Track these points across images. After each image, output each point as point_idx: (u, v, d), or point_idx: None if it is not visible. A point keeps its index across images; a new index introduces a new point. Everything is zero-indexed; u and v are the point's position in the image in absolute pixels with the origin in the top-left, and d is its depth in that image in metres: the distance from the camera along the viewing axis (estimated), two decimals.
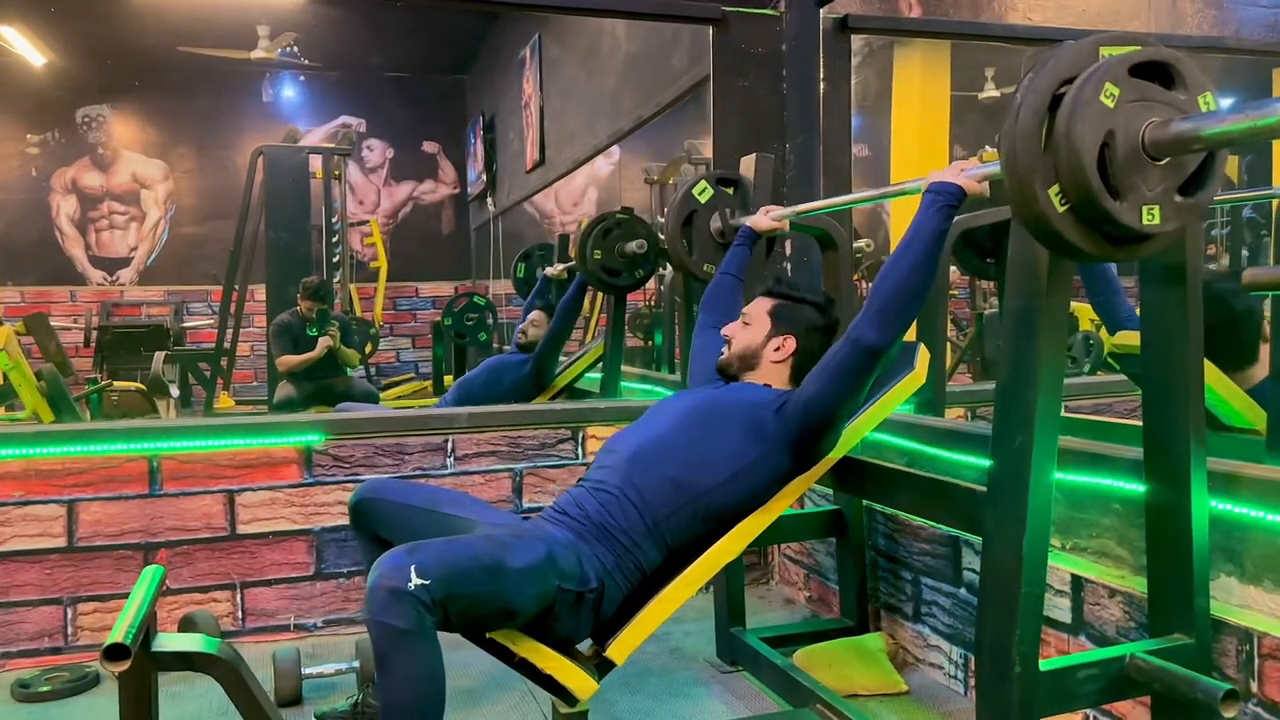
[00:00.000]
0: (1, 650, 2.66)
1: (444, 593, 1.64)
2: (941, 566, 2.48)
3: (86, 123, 9.45)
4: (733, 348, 2.21)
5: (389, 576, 1.63)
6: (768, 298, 2.23)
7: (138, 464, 2.77)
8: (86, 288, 9.49)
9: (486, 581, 1.72)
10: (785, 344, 2.17)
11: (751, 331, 2.21)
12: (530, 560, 1.78)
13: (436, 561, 1.66)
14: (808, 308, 2.21)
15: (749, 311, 2.23)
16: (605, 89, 5.32)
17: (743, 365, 2.20)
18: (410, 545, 1.70)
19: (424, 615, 1.63)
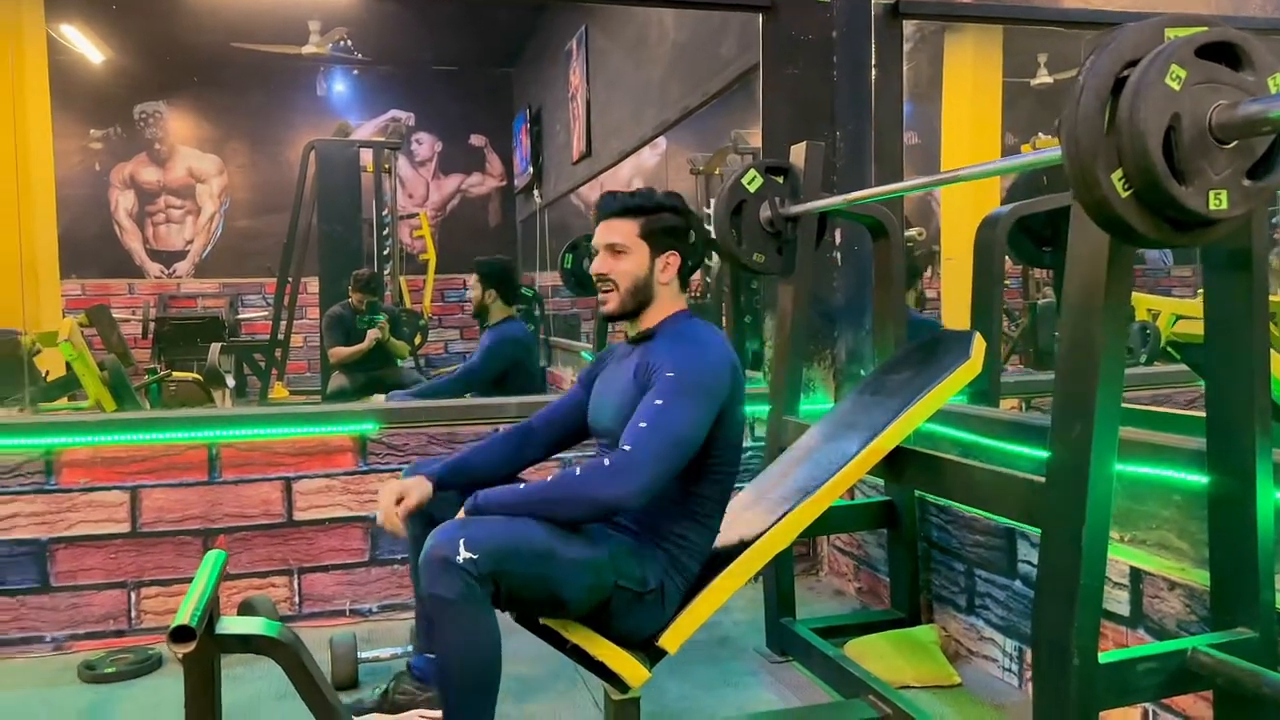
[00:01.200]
0: (69, 632, 2.74)
1: (492, 568, 1.66)
2: (996, 558, 2.45)
3: (144, 119, 9.65)
4: (622, 285, 1.99)
5: (439, 548, 1.66)
6: (626, 218, 1.99)
7: (198, 452, 2.84)
8: (144, 280, 9.70)
9: (536, 565, 1.72)
10: (671, 260, 2.01)
11: (633, 259, 1.98)
12: (587, 554, 1.79)
13: (487, 537, 1.68)
14: (667, 213, 2.01)
15: (616, 241, 1.98)
16: (652, 79, 5.31)
17: (637, 300, 2.00)
18: (465, 519, 1.73)
19: (473, 586, 1.65)
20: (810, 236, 2.58)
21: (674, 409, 1.80)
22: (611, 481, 1.73)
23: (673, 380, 1.82)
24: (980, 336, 2.14)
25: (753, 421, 3.28)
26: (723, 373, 1.90)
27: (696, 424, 1.83)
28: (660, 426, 1.78)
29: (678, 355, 1.87)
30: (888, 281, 2.62)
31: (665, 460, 1.77)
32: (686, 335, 1.96)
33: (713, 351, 1.92)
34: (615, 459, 1.74)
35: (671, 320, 2.01)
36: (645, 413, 1.80)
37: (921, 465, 2.12)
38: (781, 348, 2.65)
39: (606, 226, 2.01)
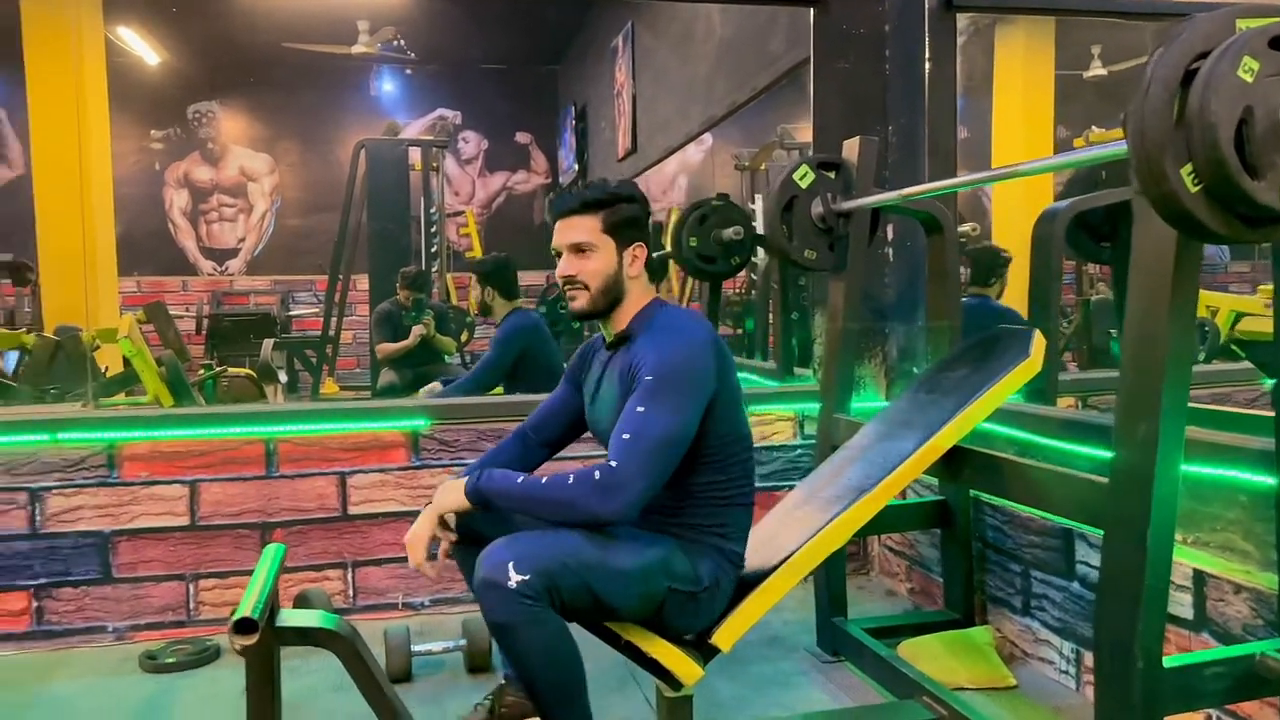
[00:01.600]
0: (130, 622, 2.81)
1: (544, 585, 1.66)
2: (1053, 559, 2.42)
3: (197, 119, 9.84)
4: (593, 286, 1.91)
5: (491, 573, 1.66)
6: (586, 214, 1.91)
7: (255, 446, 2.88)
8: (198, 278, 9.89)
9: (585, 578, 1.72)
10: (638, 252, 1.94)
11: (601, 257, 1.90)
12: (636, 562, 1.79)
13: (534, 555, 1.67)
14: (626, 204, 1.93)
15: (580, 239, 1.90)
16: (699, 75, 5.30)
17: (609, 299, 1.93)
18: (509, 537, 1.72)
19: (529, 607, 1.65)
20: (863, 232, 2.56)
21: (655, 413, 1.75)
22: (598, 498, 1.71)
23: (651, 383, 1.77)
24: (1040, 334, 2.11)
25: (803, 419, 3.27)
26: (704, 360, 1.84)
27: (682, 423, 1.78)
28: (643, 436, 1.73)
29: (656, 353, 1.82)
30: (942, 277, 2.59)
31: (652, 471, 1.74)
32: (663, 328, 1.90)
33: (691, 340, 1.86)
34: (602, 475, 1.71)
35: (645, 314, 1.94)
36: (627, 422, 1.76)
37: (978, 465, 2.10)
38: (832, 345, 2.63)
39: (566, 226, 1.92)
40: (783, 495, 3.21)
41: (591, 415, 2.05)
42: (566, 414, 2.12)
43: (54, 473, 2.75)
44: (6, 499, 2.73)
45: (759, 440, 3.23)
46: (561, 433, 2.13)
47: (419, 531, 1.90)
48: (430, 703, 2.38)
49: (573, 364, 2.14)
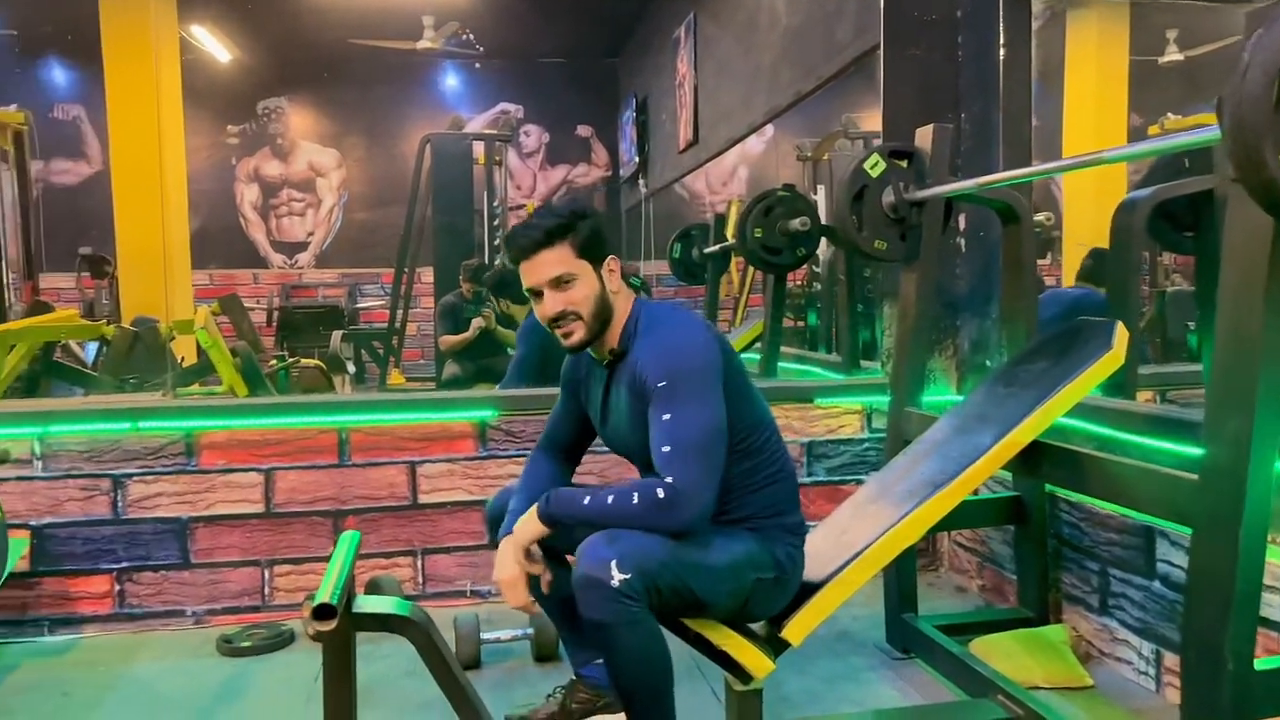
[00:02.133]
0: (208, 607, 2.88)
1: (644, 585, 1.66)
2: (1132, 557, 2.35)
3: (266, 114, 10.03)
4: (586, 313, 1.84)
5: (592, 569, 1.64)
6: (555, 245, 1.83)
7: (329, 436, 2.94)
8: (268, 271, 10.10)
9: (684, 578, 1.72)
10: (613, 265, 1.89)
11: (585, 284, 1.84)
12: (729, 558, 1.78)
13: (635, 554, 1.66)
14: (583, 221, 1.85)
15: (560, 273, 1.83)
16: (763, 65, 5.24)
17: (602, 321, 1.87)
18: (610, 534, 1.69)
19: (630, 607, 1.64)
20: (936, 222, 2.51)
21: (684, 415, 1.73)
22: (668, 516, 1.70)
23: (665, 387, 1.75)
24: (1123, 326, 2.05)
25: (870, 412, 3.23)
26: (706, 345, 1.81)
27: (713, 415, 1.76)
28: (682, 441, 1.72)
29: (657, 355, 1.79)
30: (1018, 268, 2.53)
31: (708, 471, 1.73)
32: (652, 327, 1.86)
33: (686, 330, 1.83)
34: (665, 492, 1.69)
35: (630, 323, 1.89)
36: (661, 434, 1.73)
37: (1057, 460, 2.05)
38: (904, 337, 2.59)
39: (537, 263, 1.84)
40: (850, 489, 3.20)
41: (607, 434, 2.01)
42: (575, 422, 2.08)
43: (135, 460, 2.83)
44: (91, 485, 2.82)
45: (825, 434, 3.20)
46: (575, 440, 2.11)
47: (511, 572, 1.83)
48: (499, 689, 2.40)
49: (565, 374, 2.08)
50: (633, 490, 1.73)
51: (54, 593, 2.81)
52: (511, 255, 1.87)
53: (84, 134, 9.81)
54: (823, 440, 3.20)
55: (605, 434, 2.02)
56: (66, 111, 9.79)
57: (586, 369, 2.02)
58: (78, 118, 9.80)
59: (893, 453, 2.61)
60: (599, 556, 1.65)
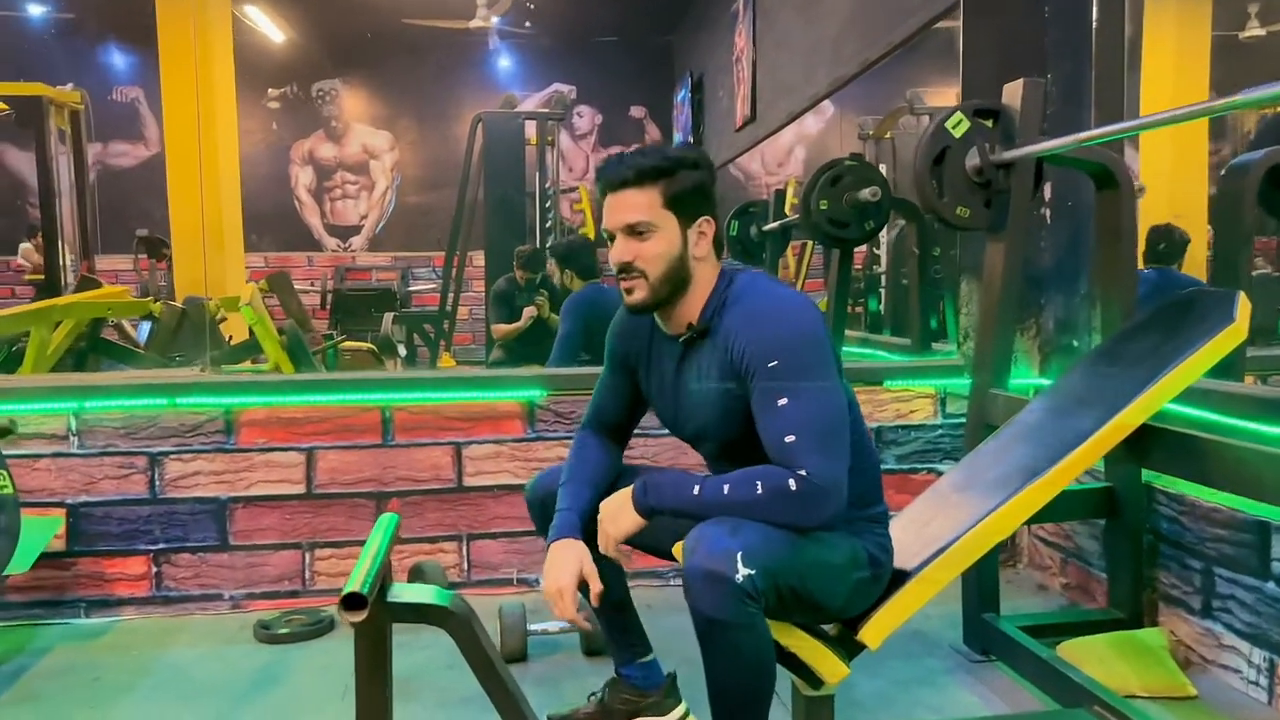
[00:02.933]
0: (246, 591, 2.77)
1: (767, 584, 1.48)
2: (1242, 555, 2.13)
3: (320, 96, 10.02)
4: (652, 273, 1.63)
5: (713, 561, 1.44)
6: (643, 186, 1.62)
7: (372, 414, 2.81)
8: (322, 254, 10.10)
9: (805, 578, 1.55)
10: (705, 228, 1.66)
11: (663, 238, 1.63)
12: (842, 556, 1.62)
13: (762, 548, 1.47)
14: (690, 170, 1.65)
15: (637, 220, 1.62)
16: (826, 35, 5.02)
17: (671, 287, 1.65)
18: (729, 523, 1.49)
19: (750, 607, 1.46)
20: (1026, 186, 2.29)
21: (806, 399, 1.53)
22: (806, 511, 1.51)
23: (779, 368, 1.54)
24: (1244, 296, 1.82)
25: (944, 396, 3.01)
26: (815, 319, 1.62)
27: (834, 397, 1.57)
28: (810, 428, 1.52)
29: (763, 331, 1.58)
30: (1115, 238, 2.30)
31: (839, 461, 1.54)
32: (748, 296, 1.64)
33: (793, 303, 1.63)
34: (799, 485, 1.50)
35: (716, 296, 1.67)
36: (780, 421, 1.53)
37: (1168, 445, 1.83)
38: (989, 313, 2.38)
39: (619, 202, 1.64)
40: (922, 479, 2.99)
41: (675, 417, 1.79)
42: (626, 399, 1.87)
43: (172, 437, 2.73)
44: (127, 463, 2.72)
45: (895, 419, 3.00)
46: (627, 419, 1.90)
47: (563, 583, 1.68)
48: (546, 684, 2.25)
49: (615, 347, 1.86)
50: (755, 479, 1.53)
51: (90, 574, 2.72)
52: (600, 187, 1.68)
53: (142, 116, 9.89)
54: (892, 426, 3.00)
55: (672, 417, 1.80)
56: (125, 94, 9.87)
57: (649, 341, 1.80)
58: (136, 100, 9.88)
59: (974, 439, 2.41)
60: (722, 547, 1.45)
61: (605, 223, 1.68)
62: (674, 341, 1.73)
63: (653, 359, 1.80)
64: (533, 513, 1.93)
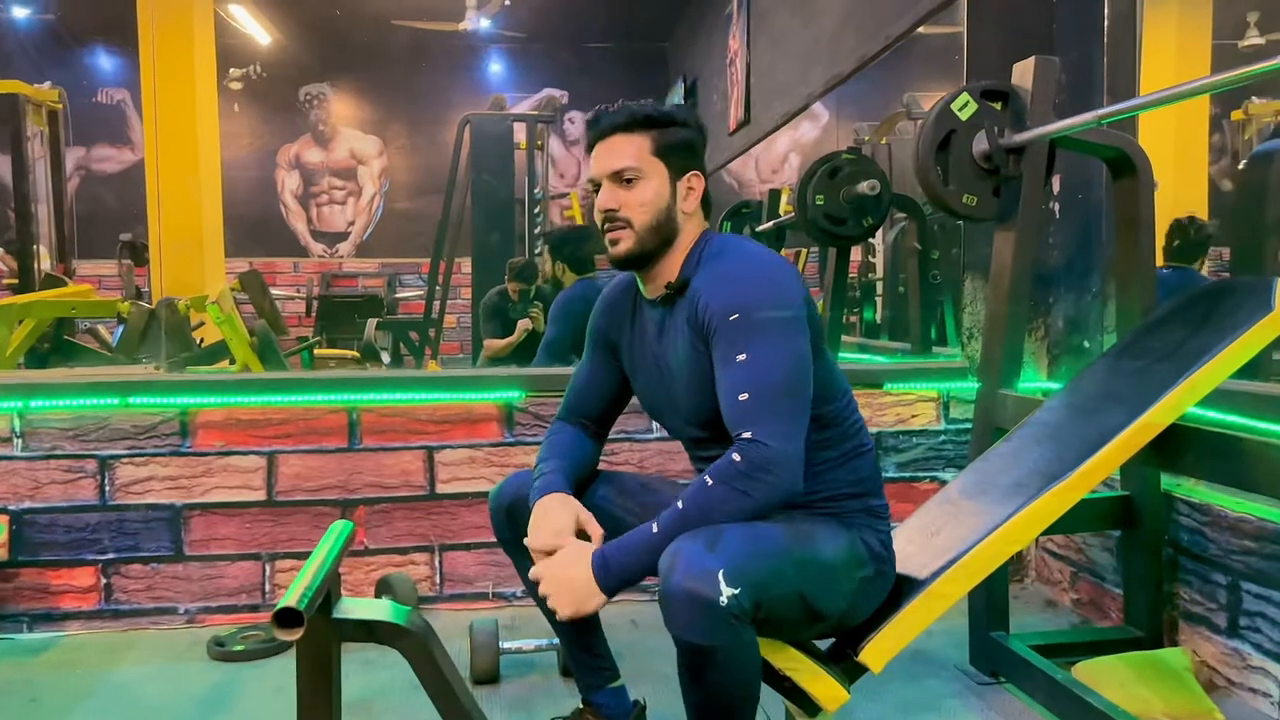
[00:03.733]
0: (202, 604, 2.59)
1: (754, 599, 1.32)
2: (1273, 569, 1.96)
3: (308, 100, 9.86)
4: (639, 222, 1.54)
5: (694, 583, 1.29)
6: (634, 132, 1.55)
7: (338, 416, 2.63)
8: (308, 259, 9.93)
9: (798, 584, 1.40)
10: (694, 182, 1.59)
11: (651, 186, 1.54)
12: (840, 553, 1.48)
13: (746, 561, 1.32)
14: (681, 126, 1.58)
15: (626, 165, 1.54)
16: (823, 32, 4.88)
17: (659, 239, 1.56)
18: (708, 537, 1.34)
19: (734, 626, 1.31)
20: (1039, 171, 2.14)
21: (763, 353, 1.41)
22: (762, 482, 1.36)
23: (740, 320, 1.43)
24: None
25: (948, 399, 2.85)
26: (787, 272, 1.51)
27: (798, 352, 1.44)
28: (765, 386, 1.40)
29: (727, 282, 1.48)
30: (1133, 229, 2.14)
31: (796, 422, 1.40)
32: (721, 253, 1.55)
33: (764, 256, 1.53)
34: (746, 456, 1.37)
35: (696, 252, 1.58)
36: (736, 378, 1.42)
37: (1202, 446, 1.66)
38: (998, 308, 2.21)
39: (608, 148, 1.56)
40: (925, 487, 2.83)
41: (655, 393, 1.65)
42: (606, 383, 1.74)
43: (124, 440, 2.55)
44: (75, 467, 2.54)
45: (896, 424, 2.83)
46: (607, 408, 1.76)
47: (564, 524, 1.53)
48: (518, 708, 2.08)
49: (598, 324, 1.74)
50: (704, 478, 1.39)
51: (34, 585, 2.54)
52: (588, 137, 1.60)
53: (128, 119, 9.72)
54: (893, 431, 2.83)
55: (651, 394, 1.66)
56: (111, 96, 9.71)
57: (632, 314, 1.67)
58: (122, 102, 9.72)
59: (980, 444, 2.24)
60: (702, 566, 1.30)
61: (593, 169, 1.59)
62: (655, 307, 1.61)
63: (636, 333, 1.66)
64: (496, 520, 1.75)
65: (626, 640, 2.42)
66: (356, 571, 2.64)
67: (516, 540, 1.69)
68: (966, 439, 2.80)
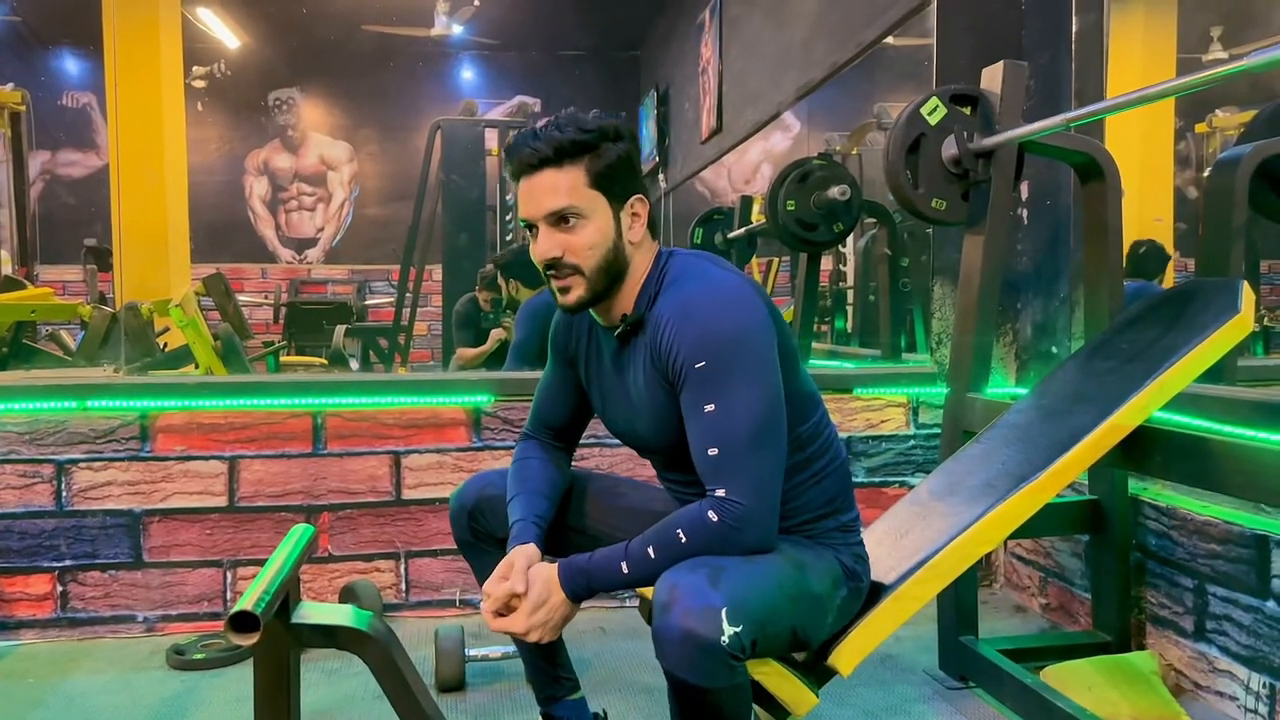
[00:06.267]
0: (161, 612, 2.53)
1: (753, 636, 1.27)
2: (1239, 572, 1.97)
3: (277, 105, 9.76)
4: (588, 266, 1.42)
5: (692, 620, 1.23)
6: (566, 165, 1.40)
7: (301, 420, 2.59)
8: (277, 265, 9.82)
9: (791, 618, 1.37)
10: (639, 208, 1.46)
11: (595, 227, 1.41)
12: (825, 581, 1.45)
13: (746, 598, 1.27)
14: (610, 143, 1.42)
15: (563, 205, 1.40)
16: (794, 40, 4.90)
17: (609, 278, 1.44)
18: (711, 568, 1.29)
19: (734, 665, 1.27)
20: (1007, 175, 2.14)
21: (731, 403, 1.33)
22: (733, 540, 1.32)
23: (705, 369, 1.35)
24: (1248, 285, 1.67)
25: (916, 405, 2.85)
26: (751, 305, 1.39)
27: (769, 401, 1.36)
28: (734, 440, 1.33)
29: (691, 324, 1.37)
30: (1101, 233, 2.15)
31: (768, 475, 1.35)
32: (680, 282, 1.44)
33: (726, 287, 1.41)
34: (720, 514, 1.32)
35: (651, 282, 1.47)
36: (704, 432, 1.35)
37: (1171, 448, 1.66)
38: (967, 313, 2.21)
39: (539, 186, 1.41)
40: (894, 492, 2.82)
41: (615, 420, 1.59)
42: (570, 399, 1.67)
43: (82, 444, 2.49)
44: (31, 471, 2.48)
45: (865, 429, 2.83)
46: (571, 421, 1.69)
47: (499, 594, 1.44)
48: (485, 716, 2.05)
49: (557, 339, 1.66)
50: (675, 528, 1.34)
51: None
52: (510, 169, 1.44)
53: (94, 123, 9.58)
54: (862, 436, 2.83)
55: (612, 419, 1.60)
56: (76, 99, 9.56)
57: (588, 333, 1.60)
58: (88, 106, 9.57)
59: (949, 448, 2.24)
60: (704, 603, 1.24)
61: (523, 212, 1.45)
62: (610, 336, 1.53)
63: (591, 355, 1.60)
64: (457, 526, 1.69)
65: (594, 648, 2.39)
66: (320, 579, 2.60)
67: (476, 544, 1.66)
68: (935, 444, 2.80)
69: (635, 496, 1.70)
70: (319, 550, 2.59)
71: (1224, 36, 8.59)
